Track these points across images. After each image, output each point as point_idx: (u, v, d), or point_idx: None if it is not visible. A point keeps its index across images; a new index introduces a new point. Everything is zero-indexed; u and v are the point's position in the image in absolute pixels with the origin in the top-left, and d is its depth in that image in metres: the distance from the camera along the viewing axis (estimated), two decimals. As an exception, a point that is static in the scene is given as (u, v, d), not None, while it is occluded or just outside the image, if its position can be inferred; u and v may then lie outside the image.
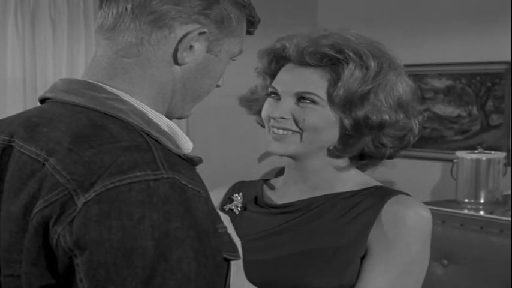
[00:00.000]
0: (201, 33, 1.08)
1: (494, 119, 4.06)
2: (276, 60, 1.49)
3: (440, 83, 4.28)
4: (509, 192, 3.71)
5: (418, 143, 1.44)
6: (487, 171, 3.69)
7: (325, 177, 1.46)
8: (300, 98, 1.42)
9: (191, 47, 1.08)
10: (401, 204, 1.39)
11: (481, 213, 3.52)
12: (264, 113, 1.47)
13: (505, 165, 3.79)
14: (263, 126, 1.50)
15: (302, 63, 1.43)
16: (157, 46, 1.08)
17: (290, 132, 1.42)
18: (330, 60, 1.41)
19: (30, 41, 3.77)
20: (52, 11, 3.82)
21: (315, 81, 1.42)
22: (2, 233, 1.01)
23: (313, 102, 1.41)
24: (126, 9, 1.07)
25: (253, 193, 1.54)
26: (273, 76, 1.49)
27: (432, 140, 4.32)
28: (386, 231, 1.36)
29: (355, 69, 1.39)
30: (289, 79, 1.44)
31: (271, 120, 1.43)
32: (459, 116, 4.21)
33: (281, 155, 1.45)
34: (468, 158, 3.73)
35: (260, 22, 1.19)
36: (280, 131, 1.42)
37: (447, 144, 4.26)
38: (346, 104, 1.39)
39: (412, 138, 1.46)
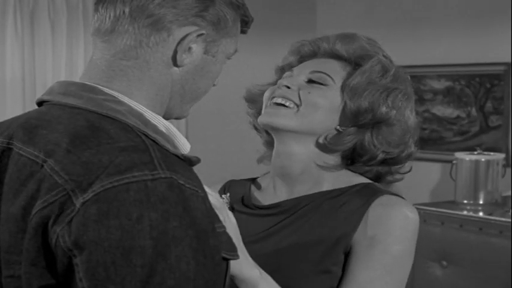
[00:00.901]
0: (199, 35, 1.10)
1: (493, 120, 4.06)
2: (302, 58, 1.51)
3: (439, 84, 4.28)
4: (509, 193, 3.72)
5: (417, 144, 1.44)
6: (486, 173, 3.70)
7: (312, 175, 1.45)
8: (311, 80, 1.44)
9: (189, 48, 1.10)
10: (386, 205, 1.38)
11: (480, 214, 3.52)
12: (267, 90, 1.47)
13: (504, 166, 3.79)
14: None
15: (329, 54, 1.47)
16: (156, 48, 1.09)
17: (288, 103, 1.42)
18: (358, 53, 1.45)
19: (29, 42, 3.78)
20: (51, 12, 3.82)
21: (334, 69, 1.45)
22: (1, 234, 1.01)
23: (323, 85, 1.43)
24: (123, 12, 1.08)
25: (240, 193, 1.53)
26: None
27: (431, 141, 4.33)
28: (369, 231, 1.36)
29: (377, 64, 1.44)
30: (307, 63, 1.48)
31: (276, 90, 1.44)
32: (458, 117, 4.21)
33: (268, 126, 1.44)
34: (467, 159, 3.73)
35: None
36: (279, 99, 1.42)
37: (446, 145, 4.26)
38: (357, 92, 1.41)
39: (405, 152, 1.47)
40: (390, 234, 1.35)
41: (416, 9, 4.34)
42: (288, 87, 1.42)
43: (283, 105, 1.42)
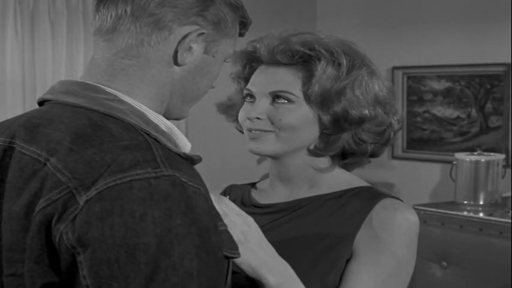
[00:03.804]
0: (199, 35, 1.10)
1: (493, 121, 4.06)
2: (249, 64, 1.49)
3: (439, 85, 4.28)
4: (509, 194, 3.72)
5: (417, 144, 1.44)
6: (486, 173, 3.70)
7: (308, 178, 1.46)
8: (275, 97, 1.42)
9: (190, 48, 1.10)
10: (389, 209, 1.39)
11: (480, 215, 3.52)
12: (240, 115, 1.47)
13: (504, 167, 3.79)
14: (242, 132, 1.51)
15: (274, 63, 1.44)
16: (157, 47, 1.09)
17: (266, 132, 1.42)
18: (302, 58, 1.42)
19: (29, 43, 3.77)
20: (51, 12, 3.82)
21: (289, 80, 1.42)
22: (4, 232, 1.02)
23: (289, 101, 1.41)
24: (125, 11, 1.09)
25: (240, 195, 1.55)
26: (247, 80, 1.49)
27: (431, 142, 4.33)
28: (374, 235, 1.36)
29: (327, 66, 1.40)
30: (262, 79, 1.45)
31: (247, 121, 1.44)
32: (458, 117, 4.21)
33: (259, 155, 1.46)
34: (467, 159, 3.73)
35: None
36: (258, 132, 1.42)
37: (446, 146, 4.26)
38: (323, 101, 1.39)
39: (392, 133, 1.47)
40: (396, 238, 1.36)
41: (416, 9, 4.35)
42: (259, 118, 1.42)
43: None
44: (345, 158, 1.48)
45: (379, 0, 4.53)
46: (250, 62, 1.49)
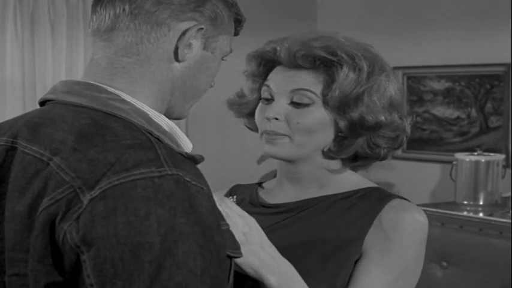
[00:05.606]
0: (198, 30, 1.11)
1: (493, 121, 4.06)
2: (264, 63, 1.49)
3: (439, 85, 4.29)
4: (509, 194, 3.72)
5: (417, 144, 1.44)
6: (486, 173, 3.70)
7: (318, 179, 1.46)
8: (294, 99, 1.41)
9: (190, 44, 1.11)
10: (399, 210, 1.39)
11: (480, 215, 3.52)
12: (257, 116, 1.46)
13: (504, 167, 3.79)
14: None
15: (294, 66, 1.43)
16: (157, 44, 1.10)
17: (282, 135, 1.41)
18: (323, 63, 1.41)
19: (29, 43, 3.77)
20: (51, 12, 3.82)
21: (310, 82, 1.42)
22: (7, 232, 1.02)
23: (308, 102, 1.40)
24: (123, 10, 1.10)
25: (247, 195, 1.55)
26: (262, 78, 1.48)
27: (431, 142, 4.33)
28: (383, 235, 1.36)
29: (349, 71, 1.39)
30: (283, 79, 1.44)
31: (264, 121, 1.43)
32: (458, 118, 4.21)
33: (275, 158, 1.46)
34: (467, 160, 3.73)
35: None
36: (273, 135, 1.42)
37: (446, 146, 4.26)
38: (340, 106, 1.39)
39: (404, 138, 1.47)
40: (405, 239, 1.37)
41: (416, 9, 4.35)
42: (277, 119, 1.41)
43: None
44: (356, 160, 1.48)
45: (380, 0, 4.53)
46: (267, 62, 1.48)
